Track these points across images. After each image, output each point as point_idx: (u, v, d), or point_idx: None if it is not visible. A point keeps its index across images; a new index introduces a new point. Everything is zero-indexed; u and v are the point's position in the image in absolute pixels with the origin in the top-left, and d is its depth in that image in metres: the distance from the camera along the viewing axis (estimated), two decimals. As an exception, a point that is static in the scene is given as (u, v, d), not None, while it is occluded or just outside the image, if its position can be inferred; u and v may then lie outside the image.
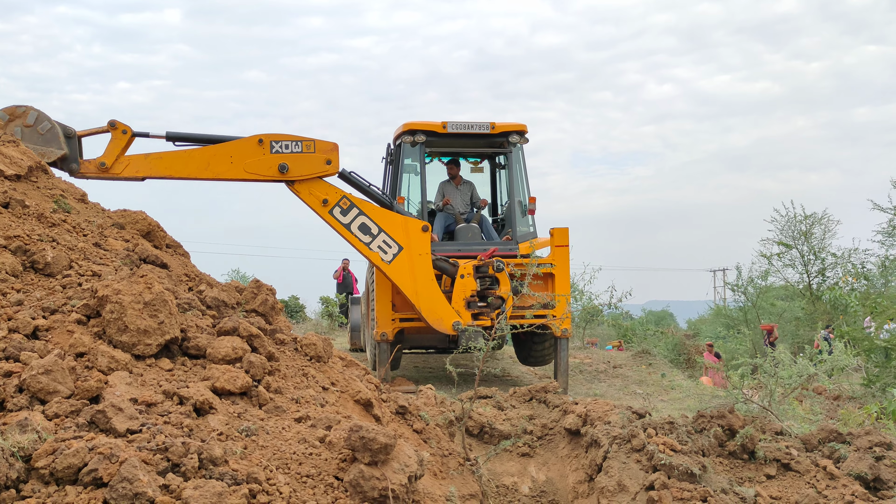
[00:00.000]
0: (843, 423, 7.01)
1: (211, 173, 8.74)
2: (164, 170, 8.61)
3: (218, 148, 8.80)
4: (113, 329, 3.60)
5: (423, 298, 9.38)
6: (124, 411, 3.12)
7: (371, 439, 3.30)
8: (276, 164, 8.85)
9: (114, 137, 8.42)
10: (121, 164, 8.42)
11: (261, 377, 3.86)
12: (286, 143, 8.96)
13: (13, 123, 7.23)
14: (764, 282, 20.24)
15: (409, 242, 9.40)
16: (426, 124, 10.53)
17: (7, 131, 6.94)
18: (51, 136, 7.52)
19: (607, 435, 5.39)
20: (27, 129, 7.32)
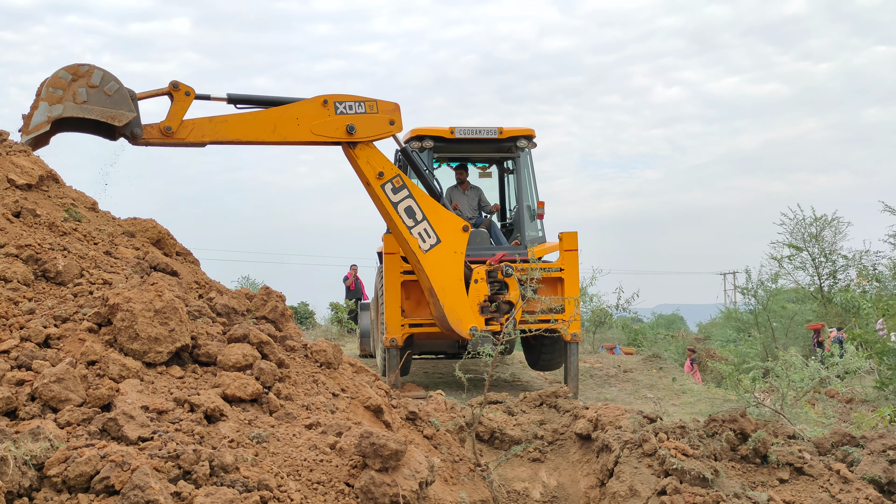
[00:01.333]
0: (857, 427, 6.96)
1: (278, 136, 8.23)
2: (230, 133, 8.03)
3: (283, 110, 8.27)
4: (124, 337, 3.61)
5: (448, 295, 9.21)
6: (136, 419, 3.14)
7: (381, 445, 3.30)
8: (344, 125, 8.45)
9: (176, 100, 7.76)
10: (185, 128, 7.79)
11: (271, 384, 3.87)
12: (350, 103, 8.59)
13: (76, 84, 6.58)
14: (774, 284, 20.14)
15: (447, 238, 9.17)
16: (434, 130, 10.55)
17: (71, 92, 6.48)
18: (119, 97, 6.83)
19: (618, 440, 5.37)
20: (92, 89, 6.63)
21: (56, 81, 6.47)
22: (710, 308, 37.05)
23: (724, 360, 17.39)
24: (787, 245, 22.65)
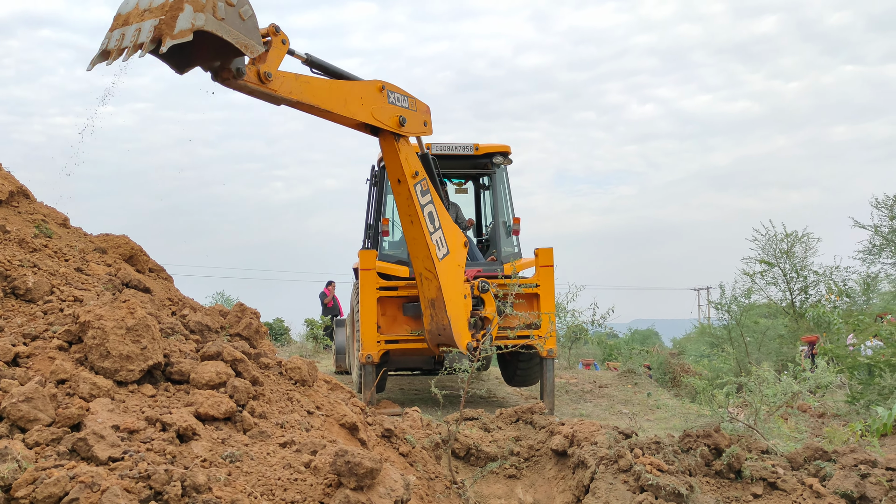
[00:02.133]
0: (829, 441, 7.04)
1: (347, 111, 7.73)
2: (312, 97, 7.34)
3: (351, 86, 7.81)
4: (95, 355, 3.56)
5: (453, 308, 9.08)
6: (106, 439, 3.08)
7: (357, 464, 3.28)
8: (397, 116, 8.10)
9: (274, 45, 6.94)
10: (277, 79, 7.00)
11: (245, 402, 3.83)
12: (398, 95, 8.25)
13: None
14: (747, 300, 20.38)
15: (454, 250, 9.10)
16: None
17: (212, 3, 5.42)
18: (252, 24, 5.88)
19: (594, 455, 5.38)
20: (230, 7, 5.58)
21: None
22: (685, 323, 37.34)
23: (698, 376, 17.52)
24: (759, 261, 22.96)
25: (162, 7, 5.14)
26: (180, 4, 5.16)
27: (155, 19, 5.13)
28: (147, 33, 5.17)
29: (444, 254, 8.83)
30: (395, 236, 11.34)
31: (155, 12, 5.16)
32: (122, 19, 5.35)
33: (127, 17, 5.30)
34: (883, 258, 23.93)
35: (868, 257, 24.03)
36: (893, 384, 8.83)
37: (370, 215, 11.74)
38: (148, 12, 5.19)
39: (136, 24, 5.24)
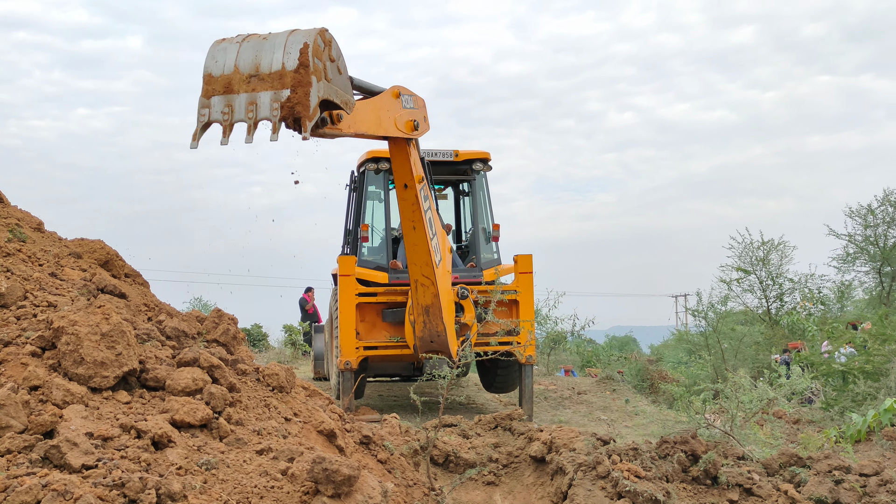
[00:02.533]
0: (803, 448, 7.11)
1: (382, 130, 7.19)
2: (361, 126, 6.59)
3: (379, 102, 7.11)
4: (69, 361, 3.51)
5: (447, 315, 8.95)
6: (79, 446, 3.04)
7: (334, 471, 3.26)
8: (413, 121, 7.59)
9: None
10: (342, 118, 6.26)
11: (222, 409, 3.79)
12: (407, 96, 7.60)
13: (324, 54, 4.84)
14: (723, 307, 20.55)
15: (445, 257, 8.97)
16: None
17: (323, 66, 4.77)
18: (346, 76, 5.30)
19: (572, 462, 5.39)
20: (332, 63, 4.95)
21: (317, 50, 4.74)
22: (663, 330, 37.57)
23: (676, 382, 17.63)
24: (736, 268, 23.18)
25: (279, 77, 4.52)
26: (307, 78, 4.55)
27: (272, 91, 4.46)
28: (268, 109, 4.54)
29: (439, 260, 8.75)
30: (375, 242, 11.32)
31: (268, 81, 4.51)
32: (222, 84, 4.60)
33: (228, 83, 4.51)
34: (857, 266, 24.26)
35: (842, 265, 24.35)
36: (867, 391, 8.94)
37: (349, 221, 11.71)
38: (257, 79, 4.47)
39: (246, 95, 4.56)
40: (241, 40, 4.64)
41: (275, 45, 4.53)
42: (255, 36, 4.67)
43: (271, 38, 4.60)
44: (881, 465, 5.36)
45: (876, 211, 23.30)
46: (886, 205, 23.33)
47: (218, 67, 4.60)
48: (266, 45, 4.55)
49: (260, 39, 4.60)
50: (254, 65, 4.55)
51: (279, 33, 4.64)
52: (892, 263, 22.99)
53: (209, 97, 4.65)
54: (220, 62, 4.61)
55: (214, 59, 4.61)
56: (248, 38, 4.66)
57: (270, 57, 4.51)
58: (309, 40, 4.55)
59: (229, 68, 4.58)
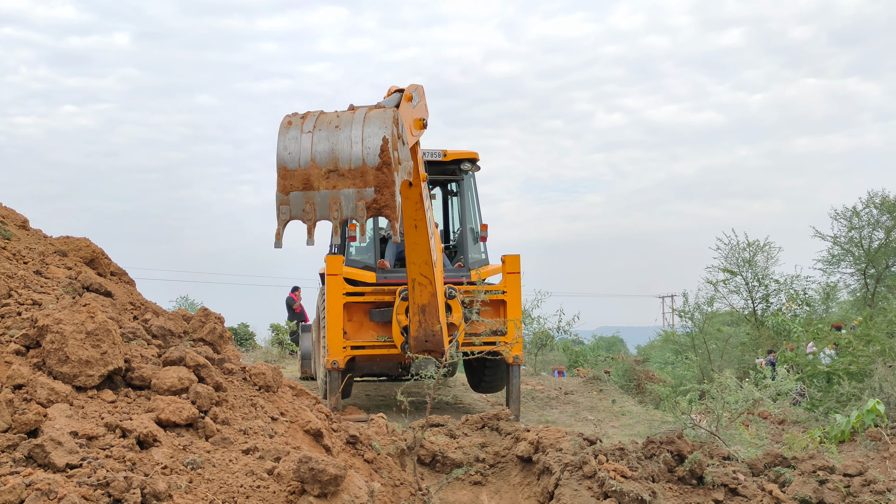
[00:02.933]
0: (788, 448, 7.15)
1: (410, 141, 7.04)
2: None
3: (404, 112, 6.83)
4: (53, 360, 3.49)
5: (443, 314, 8.93)
6: (64, 445, 3.02)
7: (320, 471, 3.25)
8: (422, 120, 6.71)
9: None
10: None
11: (208, 408, 3.78)
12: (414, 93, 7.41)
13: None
14: (710, 308, 20.65)
15: (439, 257, 8.92)
16: (378, 151, 10.52)
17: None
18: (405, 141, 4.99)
19: (559, 462, 5.40)
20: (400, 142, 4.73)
21: (394, 140, 4.56)
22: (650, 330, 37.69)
23: (662, 383, 17.71)
24: (722, 269, 23.28)
25: (360, 174, 4.32)
26: (390, 177, 4.36)
27: (354, 189, 4.32)
28: (353, 209, 4.37)
29: (436, 259, 8.70)
30: (362, 242, 11.29)
31: (349, 178, 4.20)
32: (300, 180, 4.34)
33: (307, 179, 4.30)
34: (842, 268, 24.43)
35: (827, 267, 24.52)
36: (851, 392, 9.01)
37: (337, 220, 11.67)
38: (337, 175, 4.30)
39: (327, 192, 4.32)
40: (312, 126, 4.41)
41: (351, 139, 4.33)
42: (325, 119, 4.42)
43: (344, 124, 4.37)
44: (865, 465, 5.40)
45: (861, 213, 23.47)
46: (871, 207, 23.51)
47: (293, 160, 4.36)
48: (341, 136, 4.34)
49: (332, 128, 4.37)
50: (331, 159, 4.31)
51: (352, 117, 4.42)
52: (876, 265, 23.17)
53: (287, 192, 4.44)
54: (294, 154, 4.37)
55: (287, 149, 4.38)
56: (318, 120, 4.40)
57: (349, 151, 4.31)
58: (387, 133, 4.36)
59: (305, 162, 4.35)
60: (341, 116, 4.42)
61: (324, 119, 4.40)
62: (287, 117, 4.46)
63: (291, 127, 4.39)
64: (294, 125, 4.40)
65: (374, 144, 4.27)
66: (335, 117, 4.40)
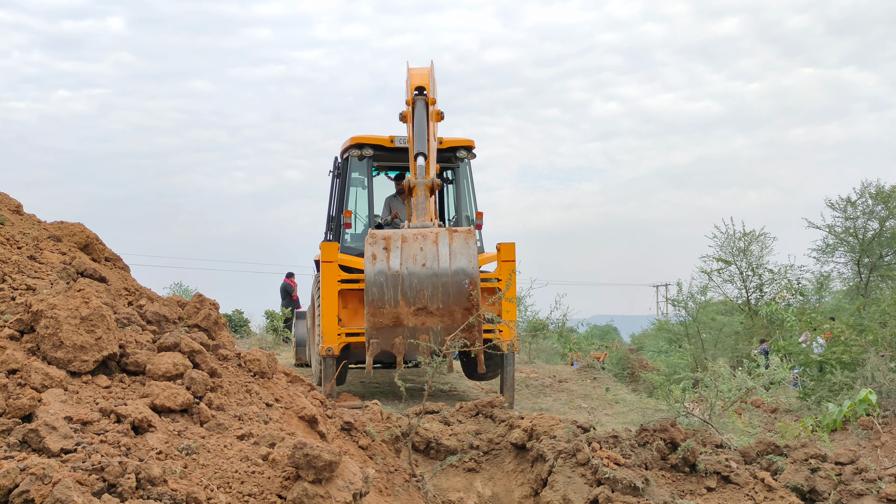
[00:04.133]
0: (781, 436, 7.20)
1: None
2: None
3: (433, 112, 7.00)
4: (47, 345, 3.48)
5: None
6: (58, 430, 3.02)
7: (315, 456, 3.26)
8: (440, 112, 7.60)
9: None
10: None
11: (202, 394, 3.78)
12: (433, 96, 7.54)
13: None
14: (703, 297, 20.72)
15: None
16: (373, 138, 10.51)
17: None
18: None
19: (553, 449, 5.42)
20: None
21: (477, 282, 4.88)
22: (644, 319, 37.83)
23: (656, 371, 17.78)
24: (717, 259, 23.35)
25: (448, 313, 4.58)
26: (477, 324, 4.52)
27: (441, 326, 4.47)
28: (439, 344, 4.60)
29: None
30: (358, 229, 11.28)
31: (437, 315, 4.48)
32: (390, 317, 4.52)
33: (397, 316, 4.58)
34: (836, 258, 24.52)
35: (821, 256, 24.60)
36: (844, 381, 9.05)
37: (332, 207, 11.66)
38: (426, 313, 4.50)
39: (416, 329, 4.55)
40: (399, 262, 4.49)
41: (439, 276, 4.43)
42: (410, 251, 4.51)
43: (430, 259, 4.48)
44: (857, 453, 5.44)
45: (856, 203, 23.54)
46: (866, 196, 23.58)
47: (382, 298, 4.49)
48: (429, 274, 4.43)
49: (419, 265, 4.46)
50: (419, 299, 4.45)
51: (437, 252, 4.52)
52: (870, 255, 23.26)
53: (378, 328, 4.62)
54: (383, 292, 4.49)
55: (376, 285, 4.49)
56: (404, 253, 4.50)
57: (437, 294, 4.42)
58: (474, 271, 4.63)
59: (395, 302, 4.50)
60: (426, 249, 4.49)
61: (409, 251, 4.48)
62: (371, 246, 4.52)
63: (377, 261, 4.49)
64: (379, 258, 4.50)
65: (460, 288, 4.42)
66: (419, 250, 4.48)
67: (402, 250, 4.46)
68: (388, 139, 10.44)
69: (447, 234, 4.56)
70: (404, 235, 4.56)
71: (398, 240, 4.52)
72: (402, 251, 4.45)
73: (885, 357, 8.70)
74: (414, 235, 4.56)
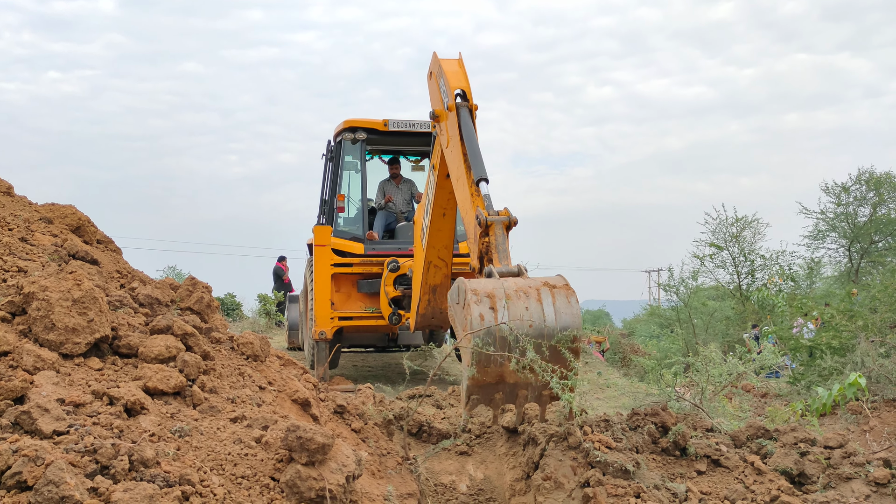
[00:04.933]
0: (770, 420, 7.25)
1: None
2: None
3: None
4: (39, 327, 3.47)
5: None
6: (51, 412, 3.02)
7: (308, 439, 3.27)
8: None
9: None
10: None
11: (195, 376, 3.78)
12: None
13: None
14: (695, 282, 20.80)
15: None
16: (367, 122, 10.48)
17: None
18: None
19: (544, 433, 5.45)
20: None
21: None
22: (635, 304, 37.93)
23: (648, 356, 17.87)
24: (709, 244, 23.42)
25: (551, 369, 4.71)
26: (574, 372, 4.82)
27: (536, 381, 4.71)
28: (536, 397, 4.97)
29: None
30: (351, 213, 11.26)
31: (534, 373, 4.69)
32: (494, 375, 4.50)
33: (500, 375, 4.74)
34: (827, 243, 24.63)
35: (813, 242, 24.71)
36: (833, 366, 9.12)
37: (326, 191, 11.63)
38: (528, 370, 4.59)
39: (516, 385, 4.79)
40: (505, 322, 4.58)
41: (542, 342, 4.62)
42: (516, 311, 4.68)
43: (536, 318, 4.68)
44: (845, 437, 5.48)
45: (850, 189, 23.63)
46: (860, 183, 23.66)
47: (489, 360, 4.66)
48: (534, 334, 4.60)
49: (526, 325, 4.65)
50: (521, 366, 4.62)
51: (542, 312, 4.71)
52: (861, 240, 23.37)
53: (480, 385, 4.74)
54: (492, 357, 4.64)
55: (482, 347, 4.63)
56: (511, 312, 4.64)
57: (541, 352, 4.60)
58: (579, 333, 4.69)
59: (500, 362, 4.67)
60: (531, 308, 4.59)
61: (515, 311, 4.56)
62: (476, 305, 4.56)
63: (485, 321, 4.55)
64: (487, 319, 4.57)
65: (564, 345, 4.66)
66: (524, 310, 4.57)
67: (508, 309, 4.61)
68: (382, 123, 10.40)
69: (549, 293, 4.72)
70: (507, 292, 4.68)
71: (502, 298, 4.66)
72: (508, 311, 4.61)
73: (875, 342, 8.76)
74: (516, 292, 4.68)
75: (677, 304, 20.72)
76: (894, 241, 23.45)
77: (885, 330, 9.61)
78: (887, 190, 23.56)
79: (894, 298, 10.46)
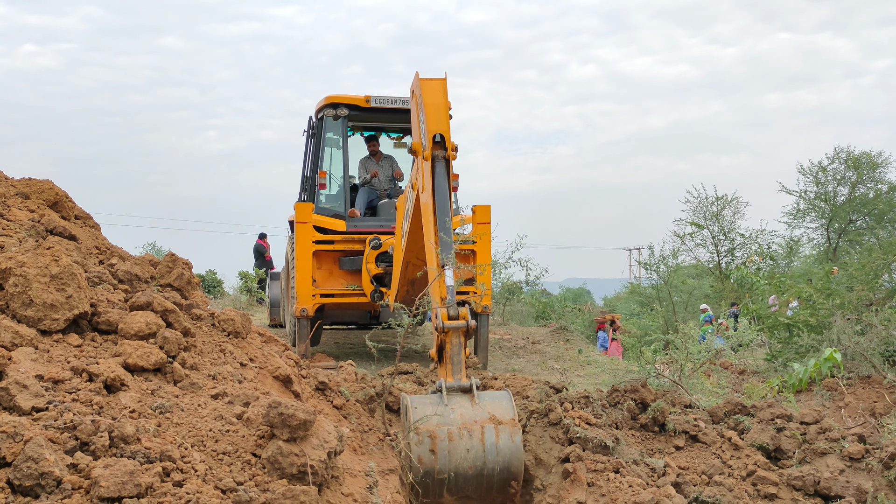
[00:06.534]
0: (748, 397, 7.34)
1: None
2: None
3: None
4: (17, 303, 3.44)
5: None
6: (29, 388, 3.00)
7: (290, 415, 3.27)
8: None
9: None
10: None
11: (176, 353, 3.76)
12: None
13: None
14: (675, 260, 20.96)
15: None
16: (349, 98, 10.40)
17: None
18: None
19: (525, 409, 5.49)
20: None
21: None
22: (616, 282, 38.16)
23: (628, 333, 18.00)
24: (690, 223, 23.57)
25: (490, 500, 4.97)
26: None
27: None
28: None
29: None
30: (332, 190, 11.20)
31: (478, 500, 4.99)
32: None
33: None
34: (806, 222, 24.86)
35: (792, 221, 24.93)
36: (810, 343, 9.23)
37: (307, 168, 11.56)
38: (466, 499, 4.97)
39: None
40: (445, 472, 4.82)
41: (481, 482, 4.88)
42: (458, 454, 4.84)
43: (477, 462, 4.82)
44: (821, 413, 5.57)
45: (828, 169, 23.81)
46: (837, 162, 23.84)
47: (427, 494, 4.87)
48: (472, 480, 4.87)
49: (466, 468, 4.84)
50: (463, 492, 4.93)
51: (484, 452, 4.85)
52: (840, 220, 23.60)
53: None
54: (430, 492, 4.88)
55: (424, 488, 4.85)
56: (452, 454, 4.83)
57: (481, 489, 4.91)
58: (519, 476, 4.88)
59: (439, 496, 4.90)
60: (473, 450, 4.76)
61: (456, 452, 4.76)
62: (417, 447, 4.68)
63: (423, 464, 4.67)
64: (425, 461, 4.68)
65: (504, 484, 4.86)
66: (466, 452, 4.78)
67: (449, 452, 4.74)
68: (364, 99, 10.33)
69: (493, 431, 4.84)
70: (450, 432, 4.77)
71: (444, 439, 4.76)
72: (449, 453, 4.73)
73: (851, 320, 8.87)
74: (460, 430, 4.78)
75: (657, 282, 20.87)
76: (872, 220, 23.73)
77: (862, 308, 9.74)
78: (865, 169, 23.79)
79: (871, 277, 10.59)
